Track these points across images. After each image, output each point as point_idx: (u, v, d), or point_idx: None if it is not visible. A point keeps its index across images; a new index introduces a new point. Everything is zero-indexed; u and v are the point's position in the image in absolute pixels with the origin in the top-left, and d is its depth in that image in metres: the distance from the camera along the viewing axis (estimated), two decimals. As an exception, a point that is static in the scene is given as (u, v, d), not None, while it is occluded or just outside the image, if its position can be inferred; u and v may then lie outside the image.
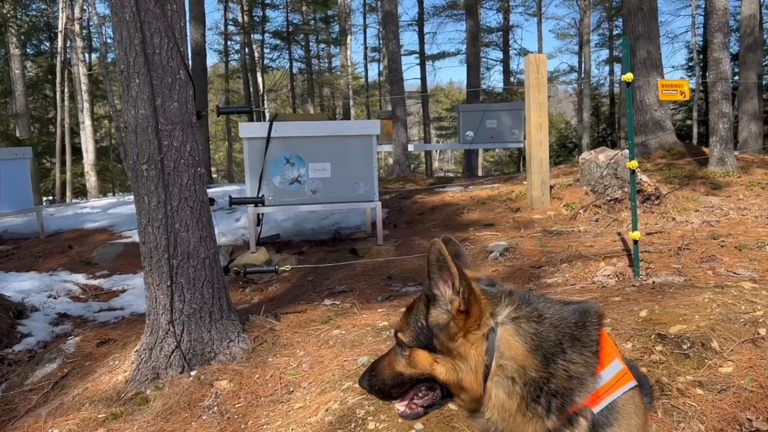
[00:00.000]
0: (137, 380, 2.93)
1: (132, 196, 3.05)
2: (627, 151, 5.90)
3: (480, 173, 22.81)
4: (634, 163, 3.58)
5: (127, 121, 2.90)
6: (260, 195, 3.43)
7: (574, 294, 3.43)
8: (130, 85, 2.85)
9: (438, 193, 7.41)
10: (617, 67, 33.35)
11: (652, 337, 2.59)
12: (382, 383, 1.36)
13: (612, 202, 5.71)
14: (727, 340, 2.52)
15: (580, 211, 5.63)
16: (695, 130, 25.99)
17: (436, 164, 44.04)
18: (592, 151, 6.17)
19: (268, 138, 5.03)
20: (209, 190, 11.51)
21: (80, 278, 5.31)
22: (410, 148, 11.03)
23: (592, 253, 4.25)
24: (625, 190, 5.73)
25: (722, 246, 4.10)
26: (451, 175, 39.33)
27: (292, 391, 2.71)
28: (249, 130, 5.06)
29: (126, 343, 3.53)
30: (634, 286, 3.43)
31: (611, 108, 33.00)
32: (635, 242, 3.64)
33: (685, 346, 2.50)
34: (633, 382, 1.33)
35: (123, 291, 5.00)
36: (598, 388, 1.26)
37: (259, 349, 3.10)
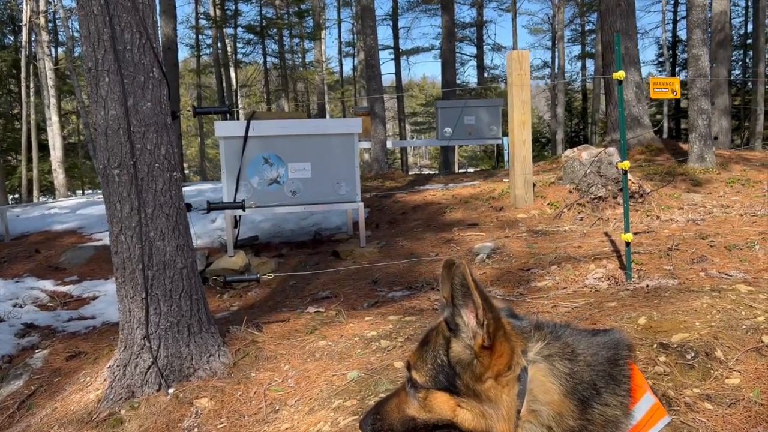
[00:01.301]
0: (111, 399, 2.75)
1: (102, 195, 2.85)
2: (611, 149, 5.84)
3: (456, 169, 22.79)
4: (626, 164, 3.49)
5: (96, 122, 2.71)
6: (240, 199, 3.24)
7: (567, 299, 3.33)
8: (99, 83, 2.65)
9: (419, 192, 7.29)
10: (589, 63, 33.63)
11: (654, 346, 2.49)
12: (389, 428, 1.19)
13: (596, 200, 5.65)
14: (731, 349, 2.44)
15: (565, 209, 5.55)
16: (666, 124, 26.34)
17: (411, 159, 44.01)
18: (575, 149, 6.10)
19: (246, 137, 4.84)
20: (185, 188, 11.22)
21: (48, 285, 5.06)
22: (388, 144, 10.90)
23: (580, 255, 4.16)
24: (609, 188, 5.67)
25: (711, 246, 4.05)
26: (427, 170, 39.32)
27: (278, 409, 2.55)
28: (225, 128, 4.86)
29: (98, 357, 3.33)
30: (628, 290, 3.34)
31: (584, 103, 33.27)
32: (627, 244, 3.56)
33: (689, 356, 2.41)
34: (666, 418, 1.21)
35: (94, 298, 4.77)
36: (630, 430, 1.14)
37: (241, 364, 2.93)
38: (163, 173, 2.78)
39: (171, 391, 2.74)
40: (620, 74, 3.44)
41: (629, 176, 5.74)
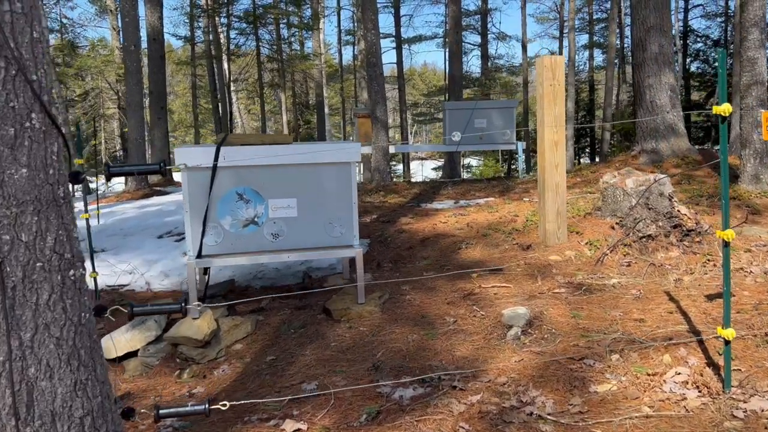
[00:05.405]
0: None
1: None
2: (663, 178, 4.84)
3: (460, 165, 21.73)
4: (729, 233, 2.49)
5: (-60, 200, 1.71)
6: (182, 301, 2.29)
7: (649, 428, 2.35)
8: (-61, 141, 1.66)
9: (427, 215, 6.29)
10: (597, 53, 32.59)
11: None
12: None
13: (644, 239, 4.66)
14: None
15: (607, 252, 4.56)
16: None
17: (413, 153, 42.90)
18: (617, 174, 5.10)
19: (215, 167, 3.85)
20: (164, 198, 10.14)
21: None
22: (392, 149, 9.90)
23: (646, 334, 3.18)
24: (660, 224, 4.69)
25: (821, 327, 3.07)
26: (429, 162, 38.25)
27: None
28: (189, 156, 3.85)
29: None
30: (737, 418, 2.36)
31: (591, 95, 32.24)
32: (727, 342, 2.57)
33: None
34: None
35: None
36: None
37: None
38: (51, 275, 1.80)
39: None
40: (725, 108, 2.43)
41: (685, 210, 4.76)
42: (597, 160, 25.36)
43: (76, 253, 1.88)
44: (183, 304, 2.15)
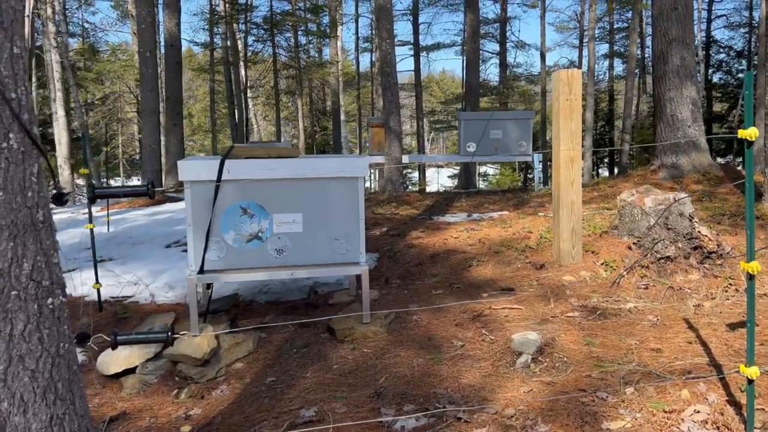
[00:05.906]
0: None
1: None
2: (684, 197, 4.67)
3: (476, 174, 21.57)
4: (755, 266, 2.33)
5: None
6: (169, 330, 2.18)
7: (666, 474, 2.20)
8: None
9: (439, 230, 6.15)
10: (617, 62, 32.25)
11: None
12: None
13: (662, 260, 4.49)
14: None
15: (623, 273, 4.39)
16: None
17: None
18: (635, 192, 4.93)
19: (219, 181, 3.75)
20: (175, 205, 10.08)
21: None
22: (405, 159, 9.79)
23: (663, 367, 3.02)
24: (679, 245, 4.51)
25: None
26: (446, 171, 38.09)
27: None
28: (192, 170, 3.77)
29: None
30: (761, 467, 2.20)
31: (610, 104, 31.89)
32: (750, 381, 2.41)
33: None
34: None
35: None
36: None
37: None
38: (27, 304, 1.70)
39: None
40: (752, 132, 2.27)
41: (706, 231, 4.58)
42: (616, 171, 25.05)
43: (55, 280, 1.79)
44: (169, 333, 2.04)
